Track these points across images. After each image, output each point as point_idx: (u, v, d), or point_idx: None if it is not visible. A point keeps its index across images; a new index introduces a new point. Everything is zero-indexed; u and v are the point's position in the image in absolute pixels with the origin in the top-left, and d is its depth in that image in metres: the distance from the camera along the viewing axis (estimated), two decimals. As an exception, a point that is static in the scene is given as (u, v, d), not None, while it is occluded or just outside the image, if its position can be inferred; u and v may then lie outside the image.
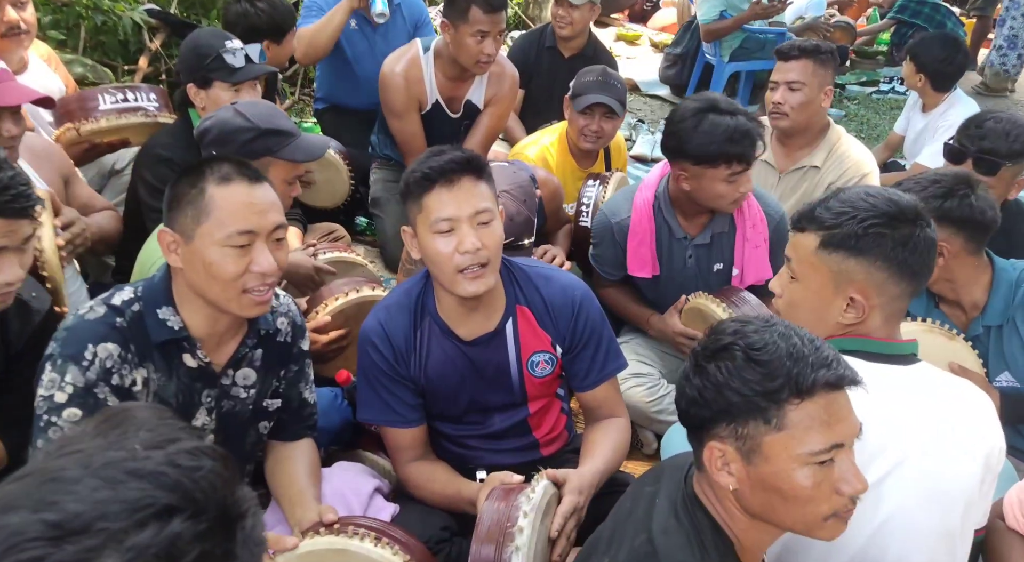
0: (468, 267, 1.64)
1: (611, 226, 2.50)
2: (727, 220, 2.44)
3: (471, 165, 1.66)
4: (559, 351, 1.85)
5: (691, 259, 2.47)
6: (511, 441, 1.92)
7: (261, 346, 1.66)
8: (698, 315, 2.36)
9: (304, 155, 2.07)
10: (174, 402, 1.57)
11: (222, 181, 1.48)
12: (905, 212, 1.47)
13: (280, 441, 1.77)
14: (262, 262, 1.48)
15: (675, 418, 2.38)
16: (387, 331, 1.78)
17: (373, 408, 1.82)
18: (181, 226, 1.49)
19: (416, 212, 1.68)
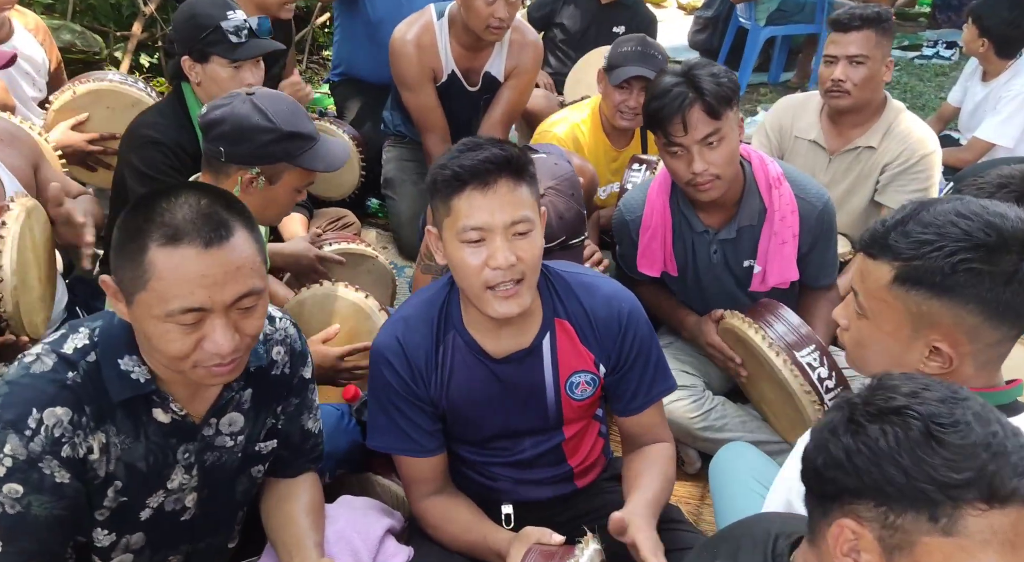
0: (499, 284, 1.44)
1: (627, 223, 2.31)
2: (755, 213, 2.19)
3: (511, 165, 1.44)
4: (603, 371, 1.65)
5: (716, 255, 2.25)
6: (542, 470, 1.73)
7: (251, 385, 1.44)
8: (734, 338, 2.15)
9: (324, 165, 1.85)
10: (143, 465, 1.33)
11: (168, 241, 1.17)
12: (1009, 241, 1.17)
13: (278, 478, 1.57)
14: (218, 342, 1.21)
15: (722, 436, 2.23)
16: (404, 347, 1.58)
17: (386, 434, 1.63)
18: (120, 281, 1.22)
19: (443, 214, 1.47)
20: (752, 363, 2.12)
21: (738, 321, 2.09)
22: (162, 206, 1.20)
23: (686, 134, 2.01)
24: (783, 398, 2.05)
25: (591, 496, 1.75)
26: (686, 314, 2.32)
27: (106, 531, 1.33)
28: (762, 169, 2.18)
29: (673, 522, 1.66)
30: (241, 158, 1.78)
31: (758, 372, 2.12)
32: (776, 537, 1.07)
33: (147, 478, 1.33)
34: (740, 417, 2.28)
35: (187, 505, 1.41)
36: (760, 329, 2.03)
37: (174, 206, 1.19)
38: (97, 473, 1.28)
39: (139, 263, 1.17)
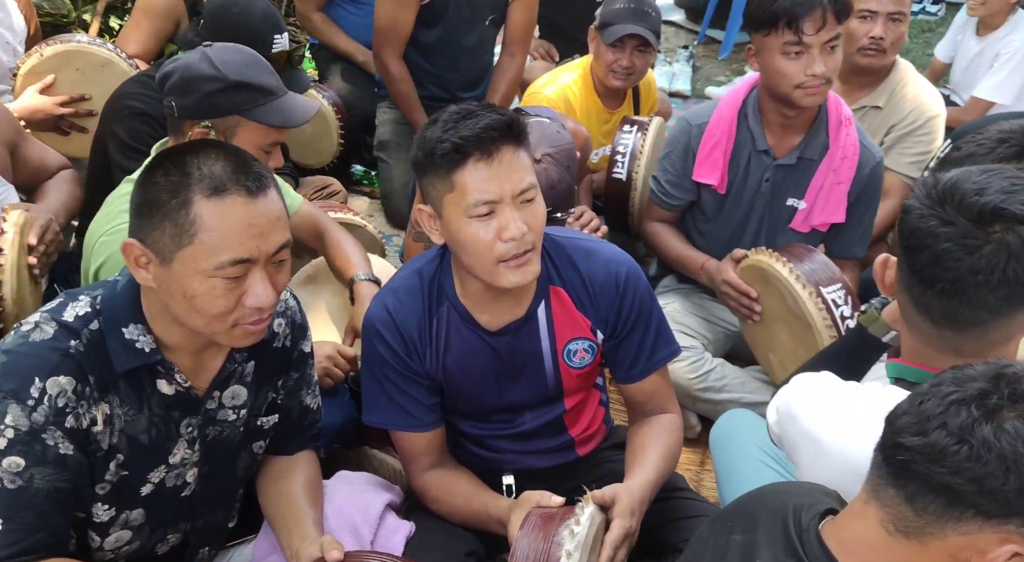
0: (513, 256, 1.41)
1: (690, 129, 2.27)
2: (819, 147, 2.18)
3: (512, 131, 1.40)
4: (600, 337, 1.62)
5: (767, 183, 2.23)
6: (543, 441, 1.71)
7: (253, 357, 1.41)
8: (757, 274, 2.10)
9: (281, 120, 1.76)
10: (146, 438, 1.31)
11: (214, 193, 1.18)
12: None
13: (276, 456, 1.55)
14: (260, 295, 1.22)
15: (722, 397, 2.23)
16: (396, 319, 1.56)
17: (382, 410, 1.60)
18: (155, 243, 1.20)
19: (444, 191, 1.42)
20: (771, 302, 2.08)
21: (765, 256, 2.06)
22: (193, 161, 1.19)
23: (816, 33, 1.98)
24: (799, 338, 2.02)
25: (593, 465, 1.74)
26: (705, 258, 2.30)
27: (106, 506, 1.31)
28: (836, 105, 2.18)
29: (677, 490, 1.66)
30: (190, 110, 1.71)
31: (775, 312, 2.08)
32: (796, 509, 1.03)
33: (149, 451, 1.31)
34: (739, 378, 2.28)
35: (188, 481, 1.39)
36: (787, 262, 2.01)
37: (206, 160, 1.20)
38: (100, 445, 1.26)
39: (184, 218, 1.17)
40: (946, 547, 0.88)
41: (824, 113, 2.17)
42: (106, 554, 1.36)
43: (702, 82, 4.71)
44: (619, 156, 2.62)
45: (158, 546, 1.43)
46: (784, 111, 2.13)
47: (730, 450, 1.83)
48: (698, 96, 4.58)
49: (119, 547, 1.37)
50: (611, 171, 2.65)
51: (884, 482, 0.92)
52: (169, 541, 1.44)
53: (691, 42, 5.12)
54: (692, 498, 1.68)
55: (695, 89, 4.63)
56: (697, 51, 5.01)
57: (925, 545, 0.89)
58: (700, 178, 2.26)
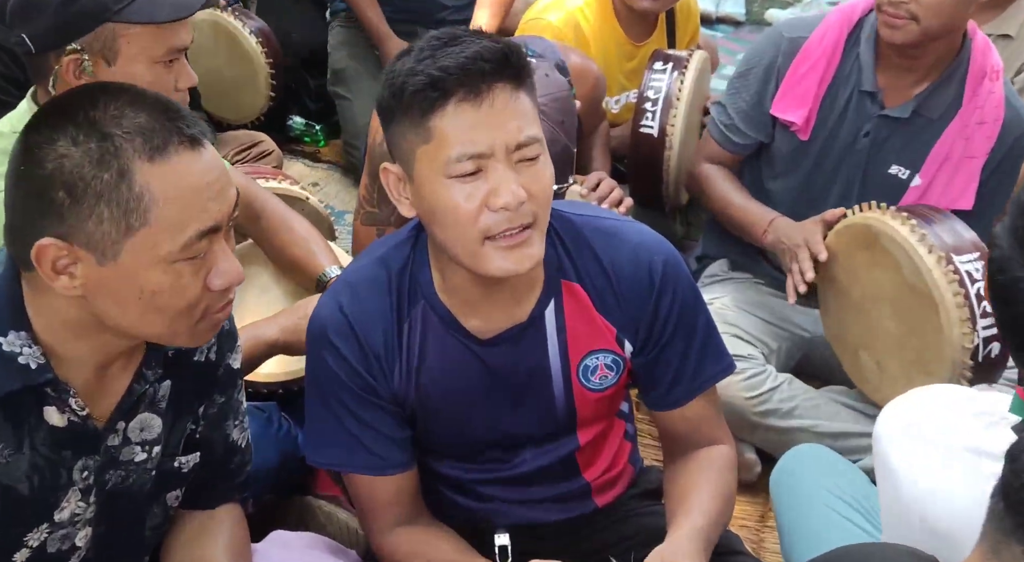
0: (505, 231, 1.40)
1: (780, 43, 2.31)
2: (946, 103, 2.21)
3: (509, 63, 1.39)
4: (628, 350, 1.63)
5: (866, 138, 2.27)
6: (549, 487, 1.73)
7: (169, 376, 1.42)
8: (862, 239, 2.12)
9: (170, 8, 1.73)
10: (26, 487, 1.30)
11: (157, 153, 1.19)
12: None
13: (189, 510, 1.56)
14: (228, 270, 1.27)
15: (790, 424, 2.29)
16: (354, 324, 1.56)
17: (333, 446, 1.61)
18: (88, 237, 1.19)
19: (416, 142, 1.41)
20: (877, 275, 2.11)
21: (876, 213, 2.08)
22: (101, 117, 1.19)
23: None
24: (913, 324, 2.05)
25: (618, 519, 1.76)
26: (772, 213, 2.33)
27: None
28: (983, 51, 2.20)
29: (731, 554, 1.68)
30: (46, 38, 1.69)
31: (881, 288, 2.10)
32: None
33: (29, 505, 1.31)
34: (813, 400, 2.32)
35: (77, 544, 1.39)
36: (908, 219, 2.03)
37: (120, 111, 1.19)
38: None
39: (127, 193, 1.17)
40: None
41: (964, 59, 2.19)
42: None
43: (760, 4, 4.73)
44: (648, 103, 2.65)
45: None
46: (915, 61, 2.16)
47: (798, 500, 1.86)
48: (755, 22, 4.61)
49: None
50: (638, 124, 2.67)
51: (1008, 538, 0.93)
52: None
53: (744, -51, 5.14)
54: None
55: (751, 13, 4.66)
56: (753, -39, 5.03)
57: None
58: (780, 112, 2.30)
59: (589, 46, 2.82)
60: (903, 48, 2.14)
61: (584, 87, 2.45)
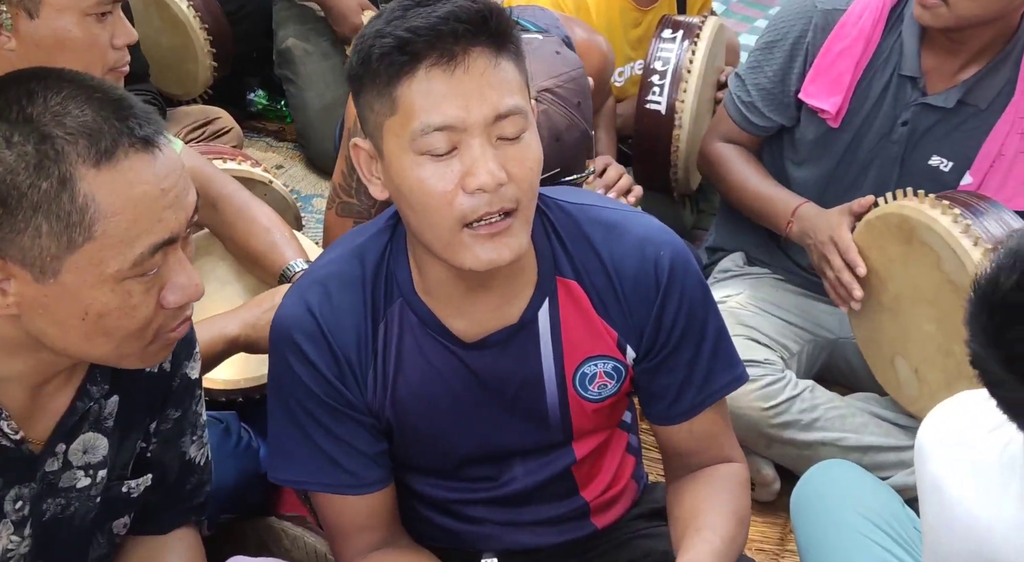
0: (483, 218, 1.40)
1: (812, 13, 2.30)
2: (996, 90, 2.22)
3: (488, 25, 1.38)
4: (631, 356, 1.64)
5: (904, 127, 2.27)
6: (543, 507, 1.74)
7: (117, 390, 1.42)
8: (897, 231, 2.12)
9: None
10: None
11: (102, 157, 1.16)
12: None
13: (139, 535, 1.57)
14: (185, 285, 1.27)
15: (812, 437, 2.31)
16: (324, 325, 1.56)
17: (299, 462, 1.61)
18: (24, 252, 1.18)
19: (384, 114, 1.41)
20: (913, 272, 2.11)
21: (911, 201, 2.08)
22: (38, 112, 1.16)
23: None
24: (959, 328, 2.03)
25: (620, 543, 1.77)
26: (800, 201, 2.33)
27: None
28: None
29: (746, 582, 1.69)
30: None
31: (919, 287, 2.10)
32: None
33: None
34: (838, 409, 2.32)
35: None
36: (951, 208, 2.02)
37: (58, 106, 1.17)
38: None
39: (69, 204, 1.15)
40: None
41: (1019, 42, 2.19)
42: None
43: (781, -36, 4.74)
44: (655, 76, 2.67)
45: None
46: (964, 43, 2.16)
47: (823, 522, 1.87)
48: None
49: None
50: (644, 99, 2.69)
51: None
52: None
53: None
54: (769, 594, 1.71)
55: (770, -25, 4.66)
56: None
57: None
58: (810, 97, 2.30)
59: (590, 12, 2.83)
60: (942, 30, 2.14)
61: (591, 65, 2.44)
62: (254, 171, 2.43)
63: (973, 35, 2.15)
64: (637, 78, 2.86)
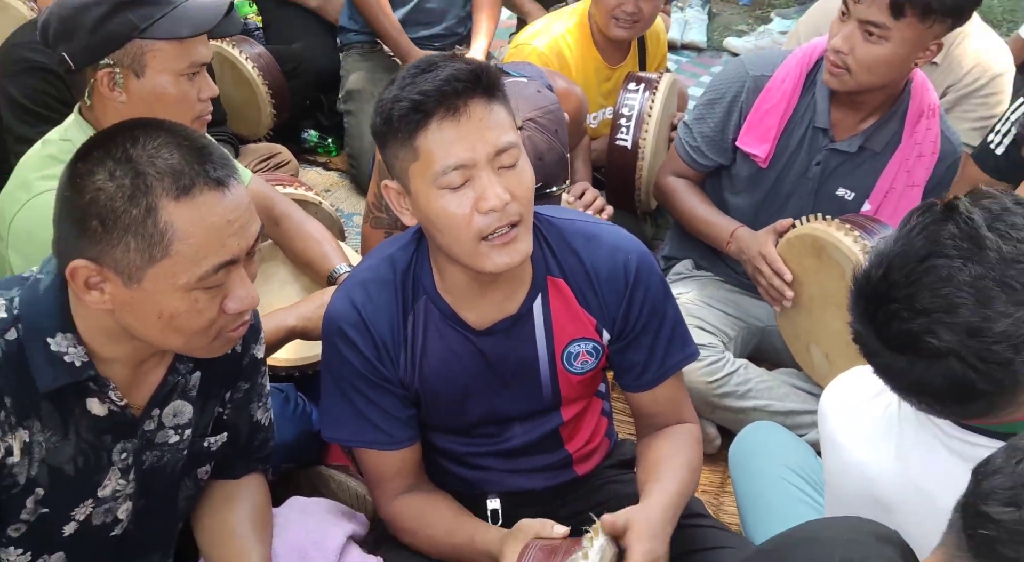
0: (495, 231, 1.39)
1: (745, 78, 2.25)
2: (887, 139, 2.18)
3: (481, 81, 1.38)
4: (606, 338, 1.63)
5: (817, 167, 2.23)
6: (536, 458, 1.72)
7: (199, 367, 1.40)
8: (810, 248, 2.09)
9: (191, 26, 1.69)
10: (71, 469, 1.29)
11: (182, 193, 1.16)
12: None
13: (216, 480, 1.55)
14: (243, 297, 1.23)
15: (745, 404, 2.26)
16: (365, 317, 1.55)
17: (346, 424, 1.60)
18: (116, 262, 1.17)
19: (408, 160, 1.41)
20: (824, 281, 2.08)
21: (820, 224, 2.05)
22: (139, 154, 1.16)
23: (857, 3, 1.98)
24: None
25: (595, 486, 1.75)
26: (734, 223, 2.30)
27: (20, 550, 1.30)
28: (921, 91, 2.17)
29: (694, 516, 1.67)
30: (83, 54, 1.66)
31: (829, 293, 2.07)
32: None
33: (75, 484, 1.30)
34: (766, 382, 2.30)
35: (119, 517, 1.38)
36: (852, 231, 1.99)
37: (157, 150, 1.16)
38: (16, 480, 1.24)
39: (152, 228, 1.15)
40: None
41: (905, 99, 2.16)
42: None
43: (720, 32, 4.71)
44: (623, 120, 2.62)
45: None
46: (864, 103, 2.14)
47: (753, 470, 1.86)
48: (715, 48, 4.59)
49: None
50: (614, 137, 2.65)
51: (962, 555, 0.90)
52: None
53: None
54: (712, 526, 1.68)
55: (711, 40, 4.63)
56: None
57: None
58: (744, 145, 2.26)
59: (571, 69, 2.79)
60: (846, 93, 2.11)
61: (569, 107, 2.39)
62: (307, 194, 2.40)
63: (870, 96, 2.13)
64: (608, 121, 2.82)
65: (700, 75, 4.33)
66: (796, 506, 1.71)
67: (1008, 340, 1.07)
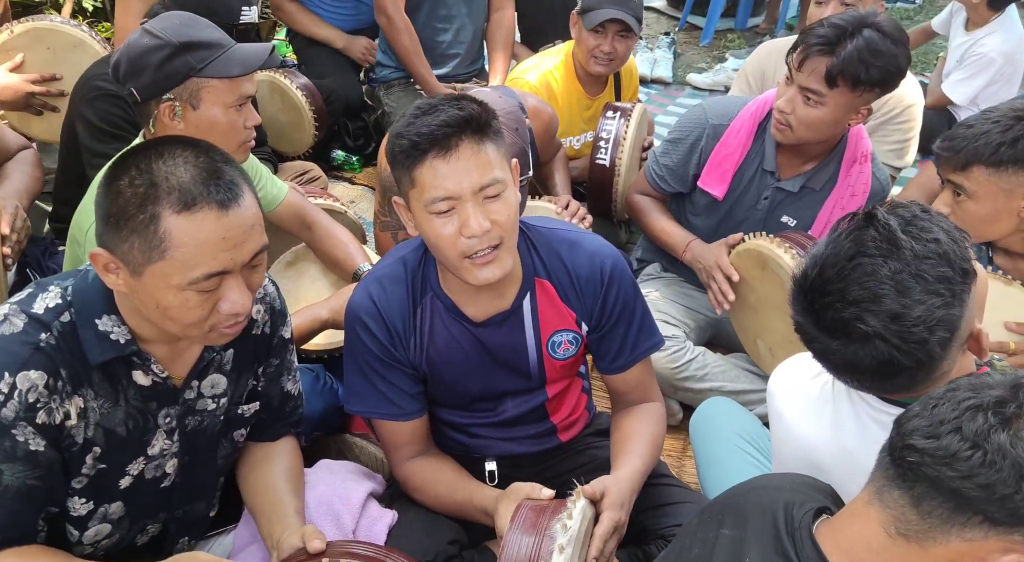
0: (476, 253, 1.39)
1: (706, 125, 2.22)
2: (825, 180, 2.16)
3: (471, 125, 1.36)
4: (584, 329, 1.62)
5: (765, 201, 2.21)
6: (526, 428, 1.71)
7: (232, 346, 1.39)
8: (755, 259, 2.08)
9: (240, 67, 1.68)
10: (123, 430, 1.29)
11: (184, 208, 1.13)
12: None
13: (256, 442, 1.53)
14: (235, 301, 1.19)
15: (703, 386, 2.25)
16: (381, 309, 1.54)
17: (366, 399, 1.59)
18: (124, 255, 1.16)
19: (408, 186, 1.41)
20: (768, 289, 2.07)
21: (765, 241, 2.04)
22: (160, 168, 1.14)
23: (798, 71, 1.97)
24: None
25: (576, 451, 1.74)
26: (690, 237, 2.29)
27: (83, 500, 1.29)
28: (856, 140, 2.15)
29: (660, 476, 1.67)
30: (149, 89, 1.66)
31: (772, 299, 2.07)
32: (787, 507, 1.03)
33: (127, 444, 1.30)
34: (720, 366, 2.29)
35: (168, 472, 1.38)
36: (790, 248, 1.99)
37: (174, 167, 1.14)
38: (75, 440, 1.24)
39: (153, 234, 1.13)
40: (947, 552, 0.87)
41: (842, 147, 2.15)
42: (85, 548, 1.34)
43: (683, 69, 4.70)
44: (602, 142, 2.60)
45: (138, 538, 1.41)
46: (803, 152, 2.12)
47: (710, 438, 1.84)
48: (680, 83, 4.57)
49: (98, 541, 1.35)
50: (594, 157, 2.63)
51: (890, 484, 0.91)
52: (149, 532, 1.42)
53: (672, 28, 5.11)
54: (674, 484, 1.68)
55: (676, 76, 4.62)
56: (678, 37, 4.99)
57: (926, 549, 0.88)
58: (704, 185, 2.24)
59: (557, 99, 2.78)
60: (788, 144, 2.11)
61: (539, 122, 2.39)
62: (335, 205, 2.37)
63: (809, 147, 2.11)
64: (590, 144, 2.80)
65: (667, 105, 4.32)
66: (746, 467, 1.70)
67: (924, 323, 1.08)
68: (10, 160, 2.14)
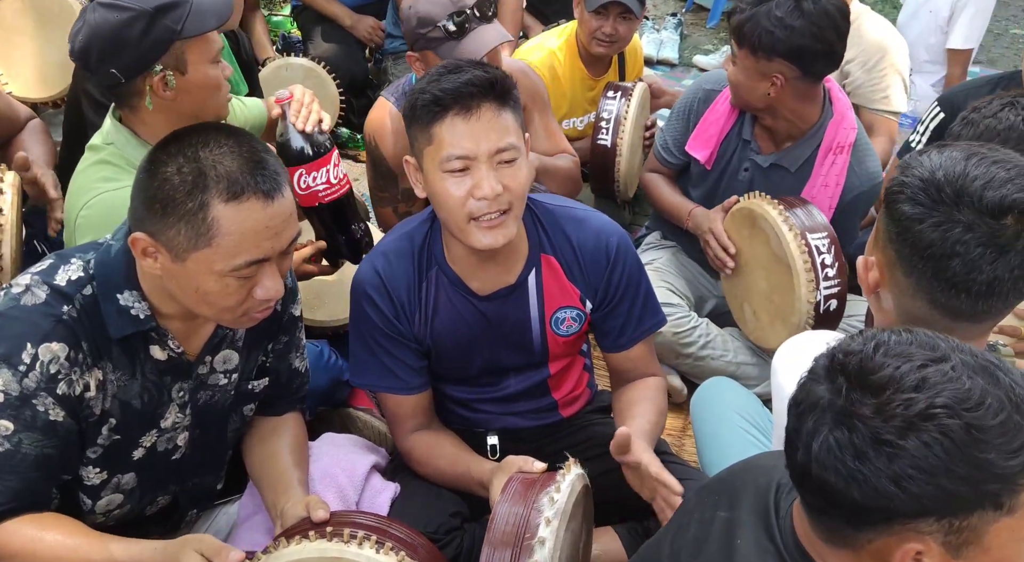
0: (484, 215, 1.39)
1: (701, 91, 2.26)
2: (801, 163, 2.16)
3: (495, 88, 1.37)
4: (589, 307, 1.62)
5: (746, 173, 2.23)
6: (527, 403, 1.71)
7: None
8: (747, 219, 2.09)
9: (216, 18, 1.58)
10: (138, 403, 1.31)
11: (232, 197, 1.16)
12: None
13: (262, 416, 1.55)
14: (269, 288, 1.23)
15: (705, 353, 2.25)
16: (386, 282, 1.54)
17: (370, 372, 1.60)
18: (168, 241, 1.18)
19: (424, 143, 1.40)
20: (755, 246, 2.08)
21: (757, 199, 2.05)
22: (207, 156, 1.16)
23: (734, 65, 2.03)
24: (776, 284, 2.03)
25: (578, 428, 1.75)
26: (693, 205, 2.31)
27: (97, 469, 1.31)
28: (835, 129, 2.14)
29: (661, 454, 1.62)
30: (135, 65, 1.53)
31: (758, 257, 2.07)
32: (778, 487, 1.02)
33: (141, 416, 1.31)
34: (720, 337, 2.30)
35: (179, 444, 1.39)
36: (779, 205, 2.00)
37: (221, 156, 1.16)
38: (92, 411, 1.25)
39: (201, 221, 1.15)
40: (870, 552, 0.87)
41: (820, 133, 2.14)
42: (97, 517, 1.36)
43: (690, 50, 4.66)
44: (603, 123, 2.59)
45: (148, 508, 1.43)
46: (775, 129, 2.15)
47: (711, 417, 1.85)
48: (686, 64, 4.54)
49: (110, 510, 1.36)
50: (596, 138, 2.61)
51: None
52: (159, 503, 1.44)
53: (679, 9, 5.06)
54: (674, 462, 1.69)
55: (683, 57, 4.58)
56: (685, 19, 4.95)
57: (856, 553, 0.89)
58: (691, 149, 2.25)
59: (560, 79, 2.75)
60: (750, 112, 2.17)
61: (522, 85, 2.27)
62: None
63: (774, 124, 2.14)
64: (591, 124, 2.77)
65: (672, 87, 4.28)
66: (745, 445, 1.71)
67: None
68: (23, 131, 2.13)
